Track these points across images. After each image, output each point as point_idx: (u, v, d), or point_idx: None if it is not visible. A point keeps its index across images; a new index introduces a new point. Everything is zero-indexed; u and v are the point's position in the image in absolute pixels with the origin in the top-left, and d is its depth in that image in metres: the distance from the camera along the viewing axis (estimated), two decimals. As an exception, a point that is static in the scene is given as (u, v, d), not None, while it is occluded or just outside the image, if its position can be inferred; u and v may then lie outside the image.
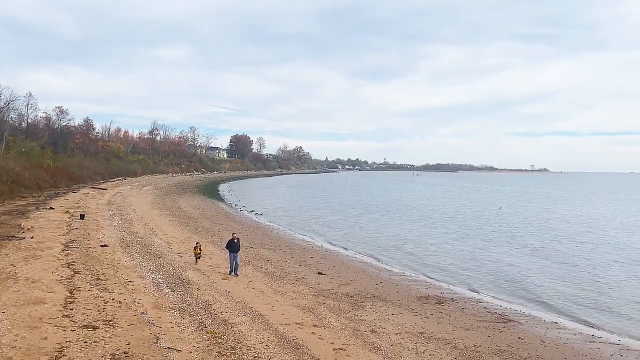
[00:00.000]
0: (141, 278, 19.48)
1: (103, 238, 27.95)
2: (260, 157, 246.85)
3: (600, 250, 36.37)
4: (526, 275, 27.95)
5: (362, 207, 71.65)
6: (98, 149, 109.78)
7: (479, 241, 40.53)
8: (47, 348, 11.31)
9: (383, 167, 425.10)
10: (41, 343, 11.59)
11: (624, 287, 25.41)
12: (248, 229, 41.73)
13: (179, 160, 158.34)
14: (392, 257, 32.90)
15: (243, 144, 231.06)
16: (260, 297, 18.85)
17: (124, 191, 67.37)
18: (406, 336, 15.88)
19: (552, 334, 17.61)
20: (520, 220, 57.11)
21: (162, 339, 12.84)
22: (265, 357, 12.51)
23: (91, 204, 46.55)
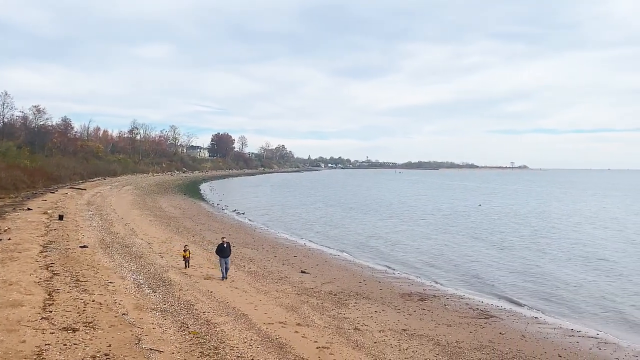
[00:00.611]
0: (122, 279, 19.24)
1: (82, 239, 27.54)
2: (243, 156, 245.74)
3: (579, 246, 36.97)
4: (507, 271, 28.30)
5: (344, 206, 71.83)
6: (77, 148, 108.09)
7: (460, 238, 40.94)
8: (26, 351, 11.10)
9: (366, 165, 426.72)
10: (19, 346, 11.36)
11: (601, 283, 25.87)
12: (230, 228, 41.51)
13: (159, 160, 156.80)
14: (374, 254, 33.05)
15: (225, 143, 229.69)
16: (243, 297, 18.76)
17: (103, 191, 66.47)
18: (389, 333, 15.95)
19: (533, 329, 17.86)
20: (499, 217, 57.90)
21: (143, 340, 12.70)
22: (248, 357, 12.46)
23: (70, 204, 45.82)
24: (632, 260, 31.81)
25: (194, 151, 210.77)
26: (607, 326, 18.91)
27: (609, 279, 26.64)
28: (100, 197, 57.85)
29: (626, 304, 21.84)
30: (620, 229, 47.62)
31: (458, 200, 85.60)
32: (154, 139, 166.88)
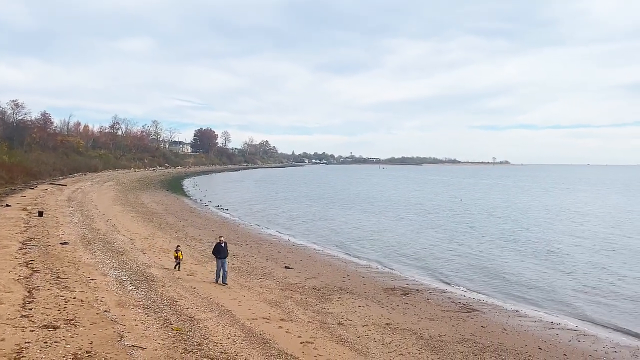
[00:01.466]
0: (103, 275, 19.04)
1: (63, 235, 27.17)
2: (226, 151, 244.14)
3: (556, 239, 37.57)
4: (487, 264, 28.65)
5: (328, 201, 71.96)
6: (57, 143, 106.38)
7: (442, 232, 41.33)
8: (5, 349, 10.93)
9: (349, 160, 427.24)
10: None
11: (580, 275, 26.33)
12: (214, 224, 41.31)
13: (141, 155, 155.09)
14: (358, 249, 33.19)
15: (207, 138, 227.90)
16: (226, 293, 18.71)
17: (84, 187, 65.60)
18: (373, 327, 16.05)
19: (514, 322, 18.12)
20: (480, 211, 58.74)
21: (126, 337, 12.60)
22: (232, 353, 12.44)
23: (50, 200, 45.13)
24: (608, 252, 32.42)
25: (177, 147, 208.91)
26: (586, 318, 19.27)
27: (589, 272, 27.11)
28: (81, 193, 57.08)
29: (605, 297, 22.28)
30: (598, 222, 48.47)
31: (440, 195, 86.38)
32: (135, 134, 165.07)
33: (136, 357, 11.39)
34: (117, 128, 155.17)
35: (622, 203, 72.92)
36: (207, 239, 31.88)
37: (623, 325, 18.57)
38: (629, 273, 26.84)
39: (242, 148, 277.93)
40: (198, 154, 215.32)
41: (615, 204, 71.67)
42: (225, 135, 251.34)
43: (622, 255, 31.74)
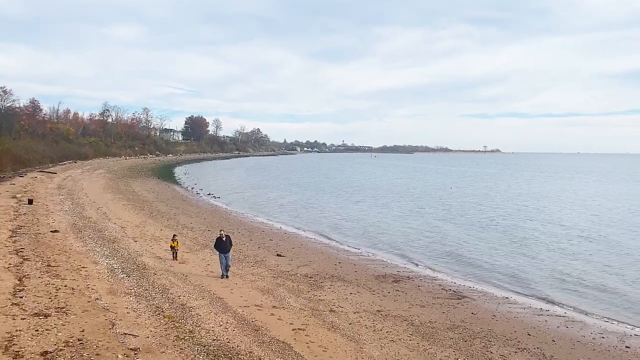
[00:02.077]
0: (95, 264, 18.99)
1: (53, 223, 27.02)
2: (217, 139, 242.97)
3: (545, 226, 37.91)
4: (478, 252, 28.88)
5: (319, 189, 72.01)
6: (46, 131, 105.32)
7: (432, 220, 41.55)
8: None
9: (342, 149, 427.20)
10: (-11, 333, 11.15)
11: (568, 262, 26.62)
12: (205, 212, 41.24)
13: (132, 143, 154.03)
14: (350, 237, 33.30)
15: (199, 126, 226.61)
16: (218, 281, 18.74)
17: (74, 175, 65.12)
18: (364, 314, 16.17)
19: (503, 308, 18.32)
20: (469, 199, 59.08)
21: (118, 325, 12.60)
22: (224, 340, 12.49)
23: (40, 188, 44.79)
24: (597, 240, 32.78)
25: (167, 134, 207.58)
26: (574, 305, 19.51)
27: (578, 260, 27.41)
28: (72, 181, 56.68)
29: (593, 284, 22.55)
30: (586, 209, 48.93)
31: (430, 183, 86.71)
32: (126, 121, 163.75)
33: (128, 345, 11.41)
34: (107, 115, 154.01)
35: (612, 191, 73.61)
36: (198, 227, 31.84)
37: (610, 311, 18.83)
38: (616, 261, 27.17)
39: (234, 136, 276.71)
40: (189, 142, 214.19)
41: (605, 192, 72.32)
42: (216, 123, 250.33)
43: (609, 244, 32.10)
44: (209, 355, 11.36)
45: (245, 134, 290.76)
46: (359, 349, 12.92)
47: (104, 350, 10.89)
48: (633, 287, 22.19)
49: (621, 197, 64.37)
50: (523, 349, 14.07)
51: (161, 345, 11.67)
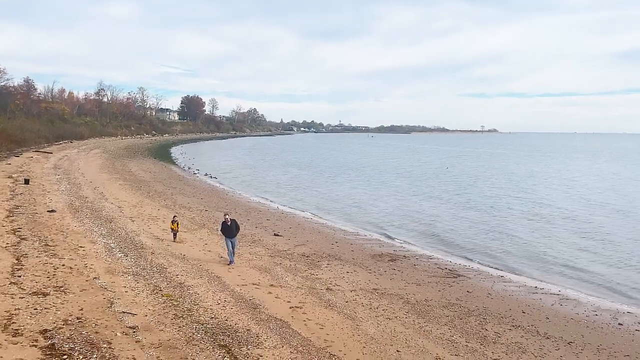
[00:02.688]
0: (92, 243, 19.04)
1: (50, 203, 26.99)
2: (213, 119, 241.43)
3: (538, 205, 38.10)
4: (473, 231, 29.07)
5: (316, 169, 72.02)
6: (41, 110, 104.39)
7: (428, 199, 41.76)
8: (-5, 316, 10.97)
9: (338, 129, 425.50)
10: (-12, 311, 11.22)
11: (562, 240, 26.83)
12: (202, 192, 41.25)
13: (128, 123, 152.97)
14: (346, 216, 33.43)
15: (195, 106, 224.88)
16: (216, 260, 18.84)
17: (70, 155, 64.87)
18: (361, 293, 16.31)
19: (498, 287, 18.51)
20: (466, 179, 59.39)
21: (116, 304, 12.69)
22: (222, 318, 12.61)
23: (36, 168, 44.63)
24: (592, 219, 33.01)
25: (164, 114, 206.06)
26: (568, 283, 19.73)
27: (571, 238, 27.63)
28: (68, 160, 56.48)
29: (587, 262, 22.77)
30: (579, 189, 49.13)
31: (427, 163, 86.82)
32: (121, 101, 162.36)
33: (127, 323, 11.51)
34: (103, 95, 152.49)
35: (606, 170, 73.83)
36: (196, 207, 31.88)
37: (604, 289, 19.08)
38: (610, 239, 27.40)
39: (230, 116, 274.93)
40: (185, 122, 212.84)
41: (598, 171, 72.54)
42: (212, 102, 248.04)
43: (602, 223, 32.32)
44: (207, 333, 11.48)
45: (242, 113, 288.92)
46: (356, 327, 13.07)
47: (102, 329, 10.99)
48: (626, 266, 22.43)
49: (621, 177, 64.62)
50: (517, 326, 14.26)
51: (160, 323, 11.77)
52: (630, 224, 31.98)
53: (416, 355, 11.63)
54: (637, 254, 24.29)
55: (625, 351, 12.92)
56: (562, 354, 12.42)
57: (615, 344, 13.42)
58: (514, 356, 12.08)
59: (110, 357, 9.65)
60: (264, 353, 10.81)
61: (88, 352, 9.74)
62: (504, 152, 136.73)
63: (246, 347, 10.98)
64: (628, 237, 28.10)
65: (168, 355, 10.11)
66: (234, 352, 10.62)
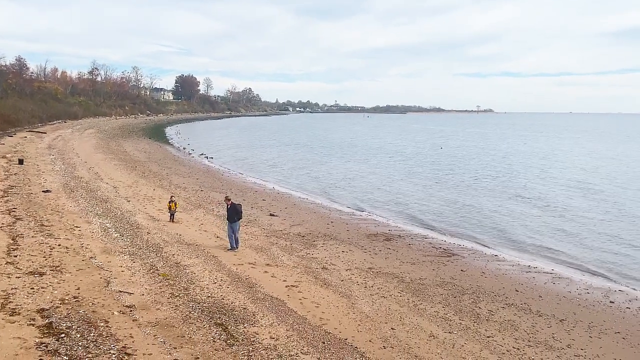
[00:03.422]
0: (88, 223, 19.05)
1: (45, 183, 26.92)
2: (208, 98, 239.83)
3: (531, 184, 38.28)
4: (466, 210, 29.23)
5: (312, 149, 71.92)
6: (34, 90, 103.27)
7: (422, 179, 41.97)
8: (-8, 295, 11.02)
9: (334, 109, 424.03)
10: (-15, 291, 11.27)
11: (556, 219, 27.04)
12: (198, 172, 41.18)
13: (122, 102, 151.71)
14: (342, 196, 33.51)
15: (189, 85, 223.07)
16: (212, 240, 18.90)
17: (65, 135, 64.45)
18: (356, 272, 16.45)
19: (492, 266, 18.69)
20: (459, 158, 59.82)
21: (113, 283, 12.76)
22: (218, 297, 12.71)
23: (30, 148, 44.37)
24: (585, 199, 33.23)
25: (158, 93, 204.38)
26: (561, 262, 19.94)
27: (565, 216, 27.84)
28: (62, 140, 56.14)
29: (580, 241, 23.00)
30: (573, 169, 49.34)
31: (421, 143, 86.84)
32: (115, 80, 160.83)
33: (124, 302, 11.59)
34: (96, 74, 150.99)
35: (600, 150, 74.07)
36: (191, 187, 31.86)
37: (596, 268, 19.30)
38: (602, 217, 27.64)
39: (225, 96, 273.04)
40: (180, 102, 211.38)
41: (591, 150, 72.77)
42: (207, 82, 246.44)
43: (596, 201, 32.56)
44: (204, 312, 11.58)
45: (237, 93, 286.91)
46: (351, 305, 13.21)
47: (100, 308, 11.07)
48: (618, 244, 22.67)
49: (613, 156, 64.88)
50: (511, 304, 14.44)
51: (156, 302, 11.86)
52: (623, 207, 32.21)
53: (410, 332, 11.79)
54: (629, 234, 24.53)
55: (615, 328, 13.14)
56: (554, 331, 12.62)
57: (606, 321, 13.64)
58: (506, 333, 12.26)
59: (108, 336, 9.74)
60: (260, 331, 10.93)
61: (85, 330, 9.82)
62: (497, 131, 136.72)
63: (242, 325, 11.09)
64: (623, 217, 28.32)
65: (165, 333, 10.21)
66: (230, 330, 10.74)
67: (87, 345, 9.22)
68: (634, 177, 44.56)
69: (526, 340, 11.97)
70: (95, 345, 9.26)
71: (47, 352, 8.80)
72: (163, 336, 10.06)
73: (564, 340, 12.11)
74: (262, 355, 9.81)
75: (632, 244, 22.81)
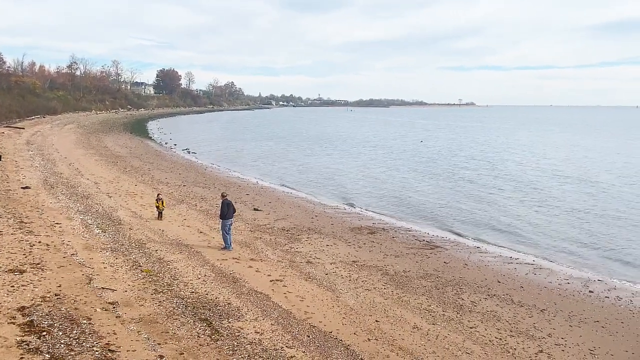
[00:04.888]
0: (69, 220, 18.80)
1: (24, 180, 26.46)
2: (190, 92, 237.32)
3: (512, 176, 38.78)
4: (448, 203, 29.50)
5: (294, 143, 71.75)
6: (11, 84, 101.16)
7: (404, 172, 42.35)
8: (-29, 294, 10.83)
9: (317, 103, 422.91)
10: (-37, 289, 11.07)
11: (536, 210, 27.45)
12: (180, 167, 40.85)
13: (102, 97, 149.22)
14: (325, 190, 33.57)
15: (171, 79, 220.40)
16: (195, 235, 18.80)
17: (43, 130, 63.35)
18: (340, 265, 16.51)
19: (475, 257, 18.91)
20: (438, 151, 60.49)
21: (95, 280, 12.63)
22: (202, 292, 12.66)
23: (8, 144, 43.54)
24: (564, 190, 33.77)
25: (139, 88, 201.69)
26: (542, 254, 20.25)
27: (544, 208, 28.26)
28: (41, 136, 55.20)
29: (560, 232, 23.39)
30: (552, 161, 50.07)
31: (403, 137, 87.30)
32: (95, 74, 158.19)
33: (106, 299, 11.49)
34: (75, 68, 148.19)
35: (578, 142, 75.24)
36: (174, 183, 31.60)
37: (576, 258, 19.67)
38: (583, 209, 28.12)
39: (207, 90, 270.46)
40: (161, 96, 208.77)
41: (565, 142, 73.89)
42: (189, 76, 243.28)
43: (577, 192, 33.11)
44: (188, 307, 11.53)
45: (219, 87, 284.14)
46: (335, 298, 13.26)
47: (82, 305, 10.95)
48: (597, 235, 23.10)
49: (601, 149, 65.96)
50: (493, 295, 14.64)
51: (140, 298, 11.78)
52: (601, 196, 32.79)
53: (394, 324, 11.88)
54: (609, 226, 25.02)
55: (595, 317, 13.41)
56: (535, 321, 12.83)
57: (585, 310, 13.91)
58: (489, 324, 12.44)
59: (91, 333, 9.65)
60: (245, 326, 10.93)
61: (68, 328, 9.72)
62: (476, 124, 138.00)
63: (227, 320, 11.08)
64: (602, 209, 28.84)
65: (149, 329, 10.15)
66: (214, 326, 10.72)
67: (69, 343, 9.12)
68: (622, 169, 45.37)
69: (508, 330, 12.16)
70: (78, 343, 9.17)
71: (29, 350, 8.69)
72: (147, 332, 10.00)
73: (544, 330, 12.32)
74: (247, 349, 9.81)
75: (611, 234, 23.28)
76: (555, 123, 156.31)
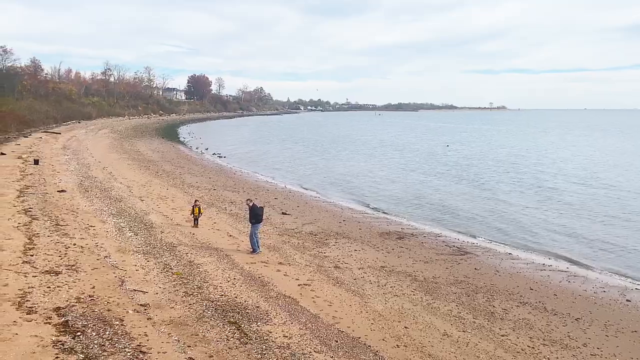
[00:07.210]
0: (102, 222, 19.23)
1: (60, 183, 27.22)
2: (220, 98, 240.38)
3: (545, 182, 37.88)
4: (480, 209, 29.00)
5: (324, 148, 71.84)
6: (48, 91, 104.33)
7: (433, 177, 41.83)
8: (9, 294, 11.18)
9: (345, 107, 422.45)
10: (2, 289, 11.43)
11: (571, 217, 26.74)
12: (211, 171, 41.37)
13: (135, 103, 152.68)
14: (353, 195, 33.45)
15: (201, 85, 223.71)
16: (225, 238, 18.98)
17: (79, 135, 65.12)
18: (368, 270, 16.41)
19: (506, 264, 18.54)
20: (466, 156, 59.46)
21: (127, 282, 12.87)
22: (232, 295, 12.76)
23: (45, 148, 44.91)
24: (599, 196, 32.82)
25: (170, 93, 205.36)
26: (577, 260, 19.70)
27: (580, 214, 27.51)
28: (76, 141, 56.73)
29: (597, 238, 22.72)
30: (586, 166, 48.76)
31: (432, 141, 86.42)
32: (128, 80, 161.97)
33: (138, 301, 11.69)
34: (109, 75, 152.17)
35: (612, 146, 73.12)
36: (204, 186, 32.02)
37: (612, 266, 19.05)
38: (620, 215, 27.28)
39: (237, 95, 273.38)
40: (192, 101, 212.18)
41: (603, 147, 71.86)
42: (219, 81, 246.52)
43: (612, 198, 32.14)
44: (217, 310, 11.63)
45: (248, 92, 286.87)
46: (364, 304, 13.18)
47: (114, 306, 11.17)
48: (636, 242, 22.35)
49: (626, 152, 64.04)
50: (525, 303, 14.31)
51: (170, 301, 11.94)
52: None
53: (424, 331, 11.73)
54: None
55: (632, 327, 12.96)
56: (570, 330, 12.49)
57: (622, 320, 13.45)
58: (521, 332, 12.16)
59: (123, 334, 9.83)
60: (274, 329, 10.96)
61: (101, 329, 9.92)
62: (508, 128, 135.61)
63: (256, 324, 11.13)
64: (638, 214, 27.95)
65: (179, 331, 10.27)
66: (243, 329, 10.78)
67: (102, 344, 9.31)
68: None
69: (541, 339, 11.86)
70: (110, 344, 9.35)
71: (64, 350, 8.90)
72: (177, 335, 10.13)
73: (579, 339, 11.98)
74: (276, 353, 9.83)
75: (649, 241, 22.50)
76: (598, 128, 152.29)
